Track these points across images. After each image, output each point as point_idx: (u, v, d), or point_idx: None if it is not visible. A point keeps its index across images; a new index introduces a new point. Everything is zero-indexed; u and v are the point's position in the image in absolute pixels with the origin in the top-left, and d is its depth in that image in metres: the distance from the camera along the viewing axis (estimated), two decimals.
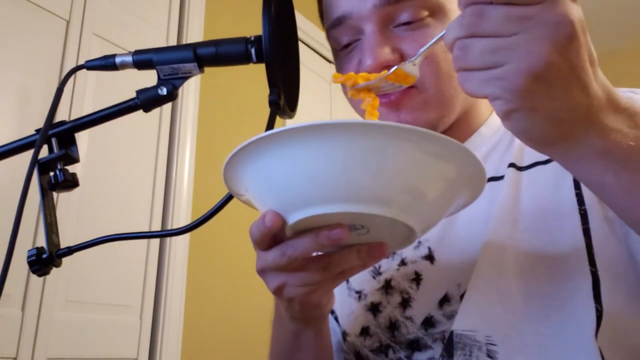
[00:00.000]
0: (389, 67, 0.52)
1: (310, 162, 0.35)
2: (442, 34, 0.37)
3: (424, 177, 0.36)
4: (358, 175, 0.35)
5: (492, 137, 0.59)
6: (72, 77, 0.84)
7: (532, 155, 0.54)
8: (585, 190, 0.49)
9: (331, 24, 0.56)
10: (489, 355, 0.47)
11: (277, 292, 0.44)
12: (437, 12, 0.53)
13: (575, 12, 0.31)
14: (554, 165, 0.52)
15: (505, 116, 0.33)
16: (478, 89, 0.32)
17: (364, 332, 0.57)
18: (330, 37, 0.58)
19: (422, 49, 0.43)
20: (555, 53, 0.30)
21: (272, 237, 0.41)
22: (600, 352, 0.44)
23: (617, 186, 0.36)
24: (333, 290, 0.48)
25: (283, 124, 2.12)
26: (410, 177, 0.35)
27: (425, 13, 0.52)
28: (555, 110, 0.32)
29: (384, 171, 0.35)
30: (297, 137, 0.34)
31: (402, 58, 0.52)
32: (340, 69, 0.58)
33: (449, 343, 0.49)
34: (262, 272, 0.43)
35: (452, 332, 0.49)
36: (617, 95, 0.35)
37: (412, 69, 0.45)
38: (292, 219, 0.38)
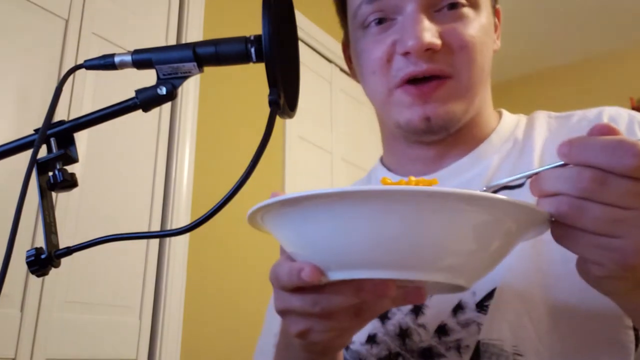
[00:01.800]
0: (430, 50, 0.51)
1: (362, 227, 0.33)
2: (530, 172, 0.36)
3: (483, 241, 0.34)
4: (412, 241, 0.33)
5: (503, 145, 0.59)
6: (71, 76, 0.84)
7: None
8: None
9: None
10: None
11: (301, 336, 0.39)
12: (474, 3, 0.54)
13: None
14: None
15: (597, 280, 0.34)
16: (582, 250, 0.33)
17: (371, 339, 0.55)
18: (360, 14, 0.56)
19: (500, 182, 0.40)
20: None
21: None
22: None
23: None
24: None
25: (283, 124, 2.10)
26: (467, 243, 0.34)
27: (465, 2, 0.54)
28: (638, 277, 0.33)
29: (439, 238, 0.33)
30: (354, 200, 0.32)
31: (444, 45, 0.52)
32: (365, 49, 0.56)
33: (476, 352, 0.49)
34: (284, 313, 0.40)
35: (478, 342, 0.49)
36: None
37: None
38: (334, 277, 0.35)
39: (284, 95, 0.46)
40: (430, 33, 0.51)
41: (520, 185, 0.54)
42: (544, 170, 0.34)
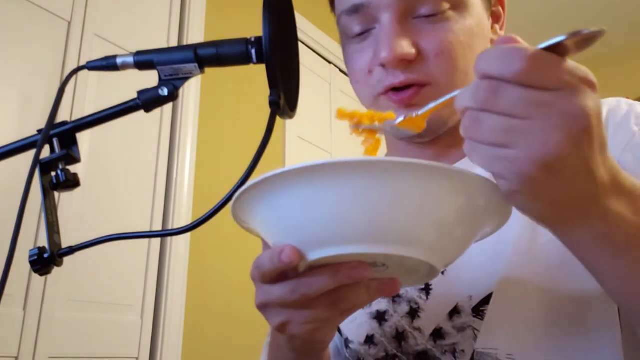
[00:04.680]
0: (405, 61, 0.50)
1: (338, 200, 0.33)
2: (453, 95, 0.36)
3: (453, 215, 0.35)
4: (388, 216, 0.33)
5: None
6: (74, 77, 0.85)
7: None
8: None
9: (346, 11, 0.53)
10: None
11: (280, 329, 0.40)
12: (459, 5, 0.51)
13: (592, 102, 0.30)
14: None
15: (507, 195, 0.32)
16: (485, 163, 0.32)
17: (369, 340, 0.56)
18: (341, 24, 0.55)
19: (432, 105, 0.41)
20: (568, 145, 0.29)
21: (282, 272, 0.38)
22: None
23: (612, 272, 0.36)
24: None
25: (283, 124, 2.10)
26: (440, 216, 0.34)
27: (447, 6, 0.51)
28: (559, 197, 0.31)
29: (414, 212, 0.33)
30: (327, 172, 0.32)
31: (420, 53, 0.50)
32: (350, 59, 0.56)
33: None
34: (263, 307, 0.40)
35: (474, 351, 0.48)
36: (623, 178, 0.34)
37: (419, 120, 0.44)
38: (313, 256, 0.36)
39: (284, 96, 0.47)
40: (405, 43, 0.50)
41: None
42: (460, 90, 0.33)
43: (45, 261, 0.48)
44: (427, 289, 0.54)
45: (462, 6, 0.51)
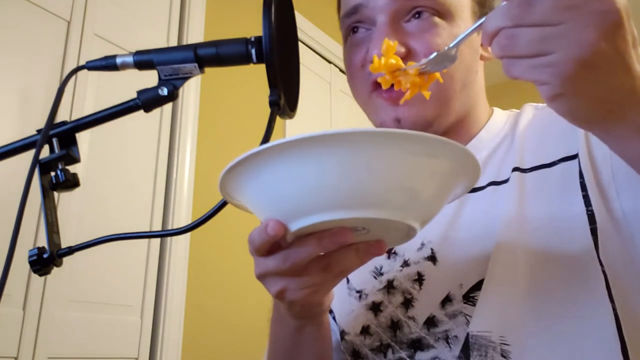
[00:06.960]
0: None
1: (312, 173, 0.35)
2: (479, 23, 0.38)
3: (422, 177, 0.37)
4: (360, 182, 0.35)
5: (492, 141, 0.60)
6: (73, 77, 0.85)
7: (535, 158, 0.55)
8: (591, 193, 0.50)
9: (347, 12, 0.59)
10: (502, 355, 0.48)
11: (279, 296, 0.44)
12: (446, 14, 0.56)
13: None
14: (559, 168, 0.53)
15: (551, 99, 0.34)
16: (525, 74, 0.33)
17: (364, 331, 0.58)
18: (343, 24, 0.60)
19: (461, 37, 0.43)
20: (602, 40, 0.31)
21: (272, 243, 0.41)
22: (626, 350, 0.45)
23: None
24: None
25: (283, 124, 2.09)
26: (408, 179, 0.37)
27: (432, 10, 0.55)
28: (601, 92, 0.33)
29: (384, 176, 0.36)
30: (299, 148, 0.35)
31: (409, 53, 0.55)
32: (348, 55, 0.61)
33: (466, 345, 0.50)
34: (262, 277, 0.44)
35: (468, 334, 0.50)
36: None
37: (451, 56, 0.46)
38: (295, 226, 0.38)
39: (284, 96, 0.47)
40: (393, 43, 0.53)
41: (505, 181, 0.55)
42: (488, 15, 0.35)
43: (44, 261, 0.48)
44: (419, 280, 0.56)
45: (450, 16, 0.56)
